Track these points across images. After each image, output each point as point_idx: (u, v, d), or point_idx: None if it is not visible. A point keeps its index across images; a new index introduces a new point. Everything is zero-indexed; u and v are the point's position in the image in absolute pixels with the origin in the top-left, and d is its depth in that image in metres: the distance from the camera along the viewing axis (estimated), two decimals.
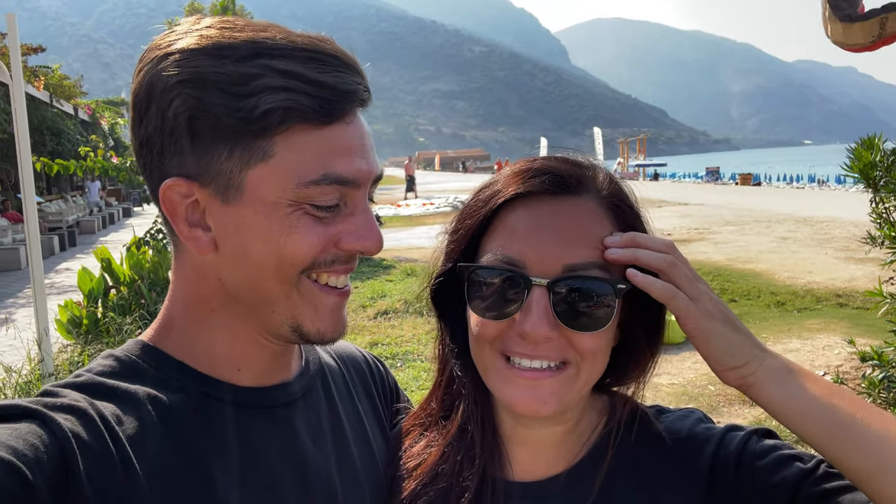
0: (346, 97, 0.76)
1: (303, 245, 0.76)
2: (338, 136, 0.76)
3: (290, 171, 0.75)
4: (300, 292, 0.79)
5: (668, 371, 6.04)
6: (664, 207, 22.51)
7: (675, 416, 0.94)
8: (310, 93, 0.74)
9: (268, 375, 0.88)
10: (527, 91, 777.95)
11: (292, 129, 0.74)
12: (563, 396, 0.83)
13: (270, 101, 0.72)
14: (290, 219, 0.76)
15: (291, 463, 0.86)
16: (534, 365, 0.82)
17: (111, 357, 0.82)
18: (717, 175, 45.93)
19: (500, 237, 0.84)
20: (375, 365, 1.14)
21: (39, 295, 4.99)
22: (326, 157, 0.75)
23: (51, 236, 17.05)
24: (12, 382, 4.86)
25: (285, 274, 0.78)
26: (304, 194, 0.75)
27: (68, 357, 6.36)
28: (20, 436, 0.64)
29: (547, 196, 0.83)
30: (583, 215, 0.83)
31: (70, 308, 6.98)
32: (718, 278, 9.97)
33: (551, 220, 0.82)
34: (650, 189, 6.72)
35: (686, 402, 5.25)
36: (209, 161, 0.75)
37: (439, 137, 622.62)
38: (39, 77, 19.57)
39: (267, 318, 0.82)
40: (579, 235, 0.81)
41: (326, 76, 0.75)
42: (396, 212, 24.56)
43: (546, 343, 0.80)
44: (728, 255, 12.13)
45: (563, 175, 0.84)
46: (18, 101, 4.99)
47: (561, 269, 0.79)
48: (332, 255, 0.79)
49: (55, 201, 23.48)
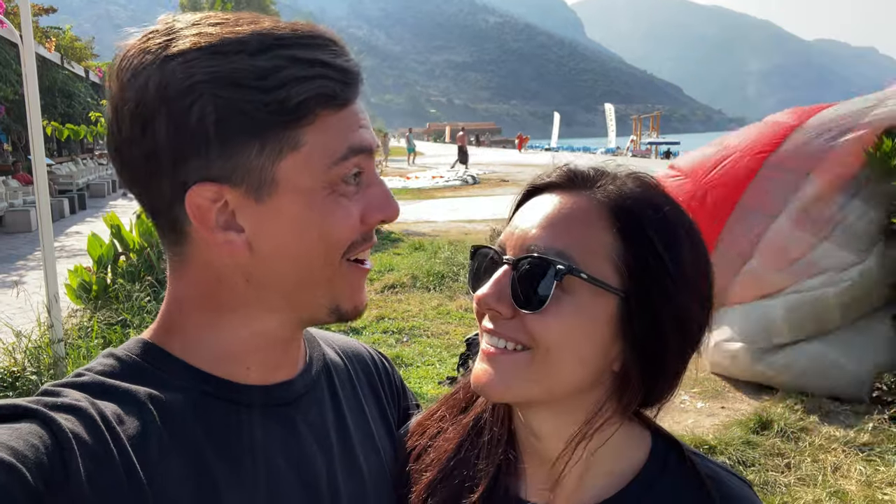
0: (358, 78, 0.80)
1: (344, 226, 0.79)
2: (352, 114, 0.79)
3: (322, 155, 0.76)
4: (342, 274, 0.82)
5: None
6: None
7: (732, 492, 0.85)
8: (335, 78, 0.76)
9: (273, 373, 0.87)
10: (540, 64, 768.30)
11: (321, 115, 0.75)
12: (518, 380, 0.81)
13: (304, 92, 0.73)
14: (327, 202, 0.77)
15: (295, 462, 0.85)
16: (492, 342, 0.84)
17: (112, 356, 0.80)
18: None
19: (507, 224, 0.90)
20: (382, 363, 1.12)
21: (49, 260, 5.00)
22: (346, 134, 0.78)
23: (61, 199, 17.10)
24: (22, 347, 4.90)
25: (331, 258, 0.80)
26: (336, 173, 0.77)
27: (78, 322, 6.41)
28: (20, 436, 0.63)
29: (552, 189, 0.87)
30: (572, 209, 0.83)
31: (80, 273, 7.02)
32: None
33: (543, 208, 0.85)
34: (662, 167, 6.66)
35: (691, 387, 5.25)
36: (238, 160, 0.73)
37: (451, 109, 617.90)
38: (51, 38, 19.46)
39: (306, 305, 0.83)
40: (556, 225, 0.82)
41: (341, 60, 0.78)
42: (405, 184, 24.42)
43: (501, 322, 0.83)
44: None
45: (575, 172, 0.87)
46: (29, 64, 4.94)
47: (525, 250, 0.82)
48: (362, 232, 0.81)
49: (66, 164, 23.53)
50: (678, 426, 4.59)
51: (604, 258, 0.79)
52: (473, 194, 20.74)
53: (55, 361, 4.70)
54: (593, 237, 0.80)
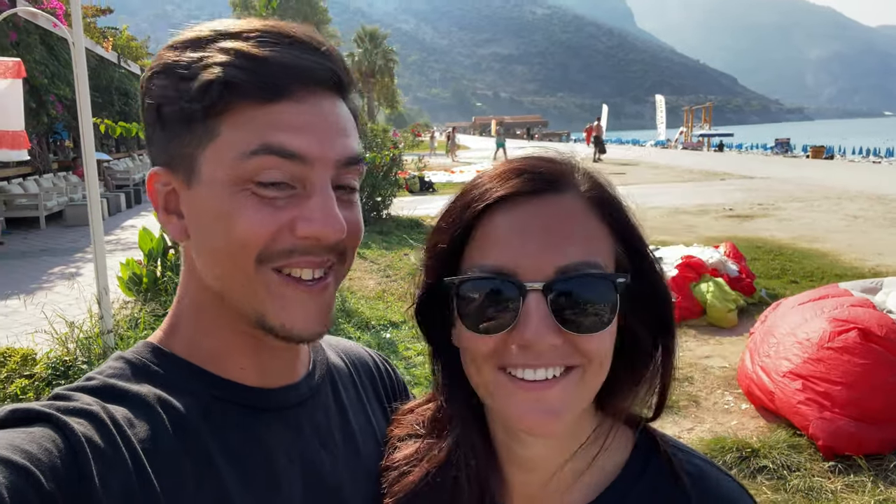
0: (293, 73, 0.74)
1: (248, 227, 0.74)
2: (284, 113, 0.74)
3: (231, 148, 0.74)
4: (264, 284, 0.77)
5: (721, 354, 5.86)
6: (727, 180, 21.70)
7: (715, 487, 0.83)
8: (248, 67, 0.73)
9: (274, 376, 0.87)
10: (588, 55, 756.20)
11: (237, 107, 0.74)
12: (572, 404, 0.77)
13: (207, 77, 0.73)
14: (235, 199, 0.74)
15: (301, 465, 0.85)
16: (537, 376, 0.75)
17: (121, 359, 0.82)
18: (786, 147, 43.68)
19: (485, 245, 0.78)
20: (384, 366, 1.12)
21: (99, 253, 5.19)
22: (267, 131, 0.74)
23: (118, 193, 17.75)
24: (74, 337, 5.10)
25: (238, 260, 0.76)
26: (245, 168, 0.74)
27: (129, 314, 6.64)
28: (34, 440, 0.64)
29: (528, 197, 0.77)
30: (567, 214, 0.77)
31: (131, 266, 7.27)
32: (780, 257, 9.56)
33: (536, 222, 0.76)
34: (714, 160, 6.42)
35: (735, 387, 5.09)
36: (176, 147, 0.77)
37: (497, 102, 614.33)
38: (108, 38, 20.15)
39: (237, 308, 0.79)
40: (567, 235, 0.76)
41: (271, 52, 0.74)
42: (449, 178, 24.53)
43: (550, 351, 0.75)
44: (792, 233, 11.62)
45: (542, 172, 0.79)
46: (79, 63, 5.12)
47: (553, 271, 0.74)
48: (290, 244, 0.76)
49: (123, 160, 24.41)
50: (721, 427, 4.47)
51: (609, 252, 0.78)
52: None
53: (104, 352, 4.88)
54: (600, 235, 0.78)
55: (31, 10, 9.03)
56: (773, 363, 4.56)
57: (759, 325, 5.35)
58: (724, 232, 11.57)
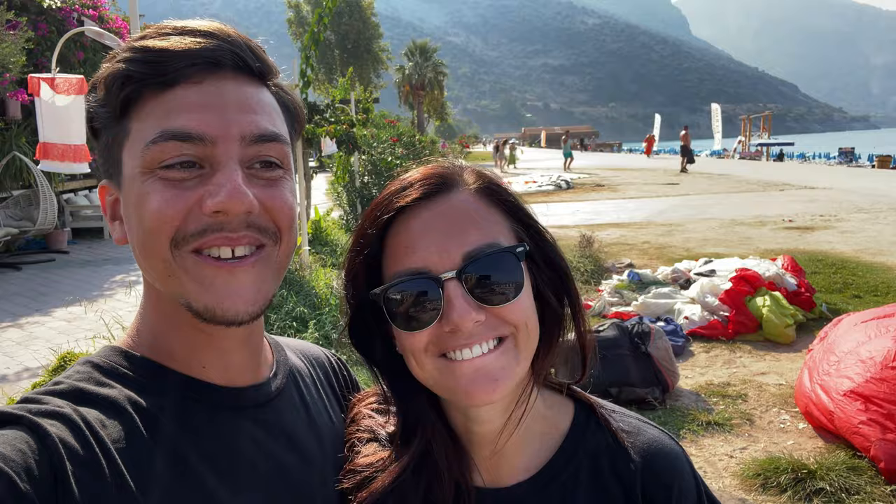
0: (187, 57, 0.75)
1: (157, 209, 0.75)
2: (181, 96, 0.75)
3: (138, 139, 0.76)
4: (183, 267, 0.77)
5: (777, 371, 5.62)
6: (786, 191, 20.94)
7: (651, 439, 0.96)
8: (144, 59, 0.75)
9: (238, 374, 0.89)
10: (641, 65, 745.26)
11: (140, 100, 0.75)
12: (510, 370, 0.85)
13: (106, 78, 0.76)
14: (143, 187, 0.76)
15: (271, 463, 0.87)
16: (474, 353, 0.84)
17: (89, 364, 0.82)
18: (851, 156, 41.83)
19: (398, 252, 0.86)
20: (338, 364, 1.16)
21: None
22: (165, 116, 0.75)
23: None
24: None
25: (156, 246, 0.76)
26: (150, 157, 0.75)
27: None
28: (7, 441, 0.64)
29: (425, 201, 0.86)
30: (462, 207, 0.87)
31: None
32: (842, 271, 9.13)
33: (436, 221, 0.85)
34: (773, 170, 6.19)
35: (792, 405, 4.87)
36: (108, 156, 0.81)
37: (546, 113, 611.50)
38: None
39: (172, 298, 0.80)
40: (466, 225, 0.85)
41: (168, 43, 0.75)
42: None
43: (478, 328, 0.83)
44: (856, 246, 11.09)
45: (432, 179, 0.88)
46: None
47: (461, 258, 0.83)
48: (203, 223, 0.76)
49: None
50: (776, 447, 4.27)
51: (508, 231, 0.89)
52: (566, 199, 20.39)
53: None
54: (495, 219, 0.88)
55: (97, 30, 9.48)
56: (834, 382, 4.34)
57: (818, 342, 5.12)
58: (783, 244, 11.15)
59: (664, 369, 5.03)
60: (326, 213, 12.15)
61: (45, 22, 11.63)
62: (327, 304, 6.15)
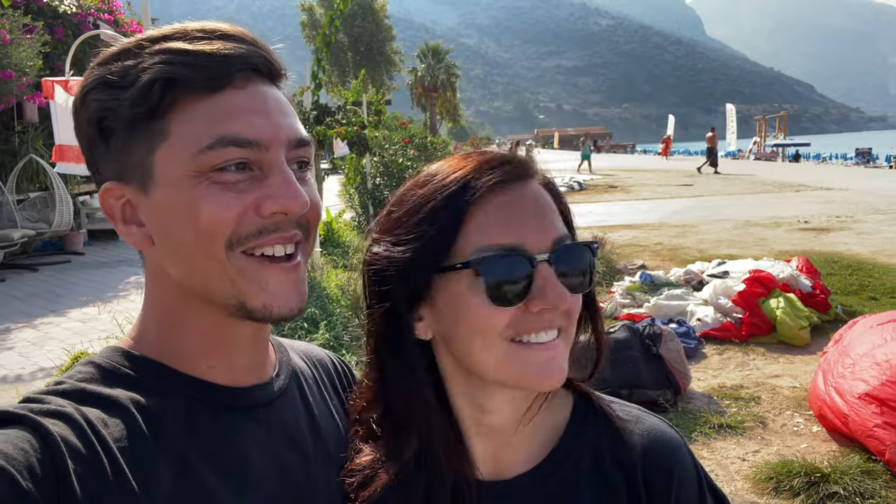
0: (230, 61, 0.76)
1: (213, 213, 0.75)
2: (230, 100, 0.76)
3: (187, 143, 0.75)
4: (237, 269, 0.78)
5: (791, 373, 5.56)
6: (802, 192, 20.72)
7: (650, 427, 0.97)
8: (186, 62, 0.74)
9: (244, 374, 0.89)
10: (655, 65, 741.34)
11: (181, 102, 0.75)
12: (567, 361, 0.89)
13: (147, 78, 0.74)
14: (196, 191, 0.76)
15: (273, 463, 0.87)
16: (549, 337, 0.86)
17: (91, 364, 0.83)
18: (868, 157, 41.26)
19: (487, 227, 0.84)
20: (341, 365, 1.16)
21: None
22: (219, 121, 0.75)
23: None
24: None
25: (209, 250, 0.77)
26: (204, 162, 0.75)
27: None
28: (9, 440, 0.65)
29: (515, 183, 0.87)
30: (543, 195, 0.89)
31: None
32: (858, 273, 9.01)
33: (528, 202, 0.87)
34: (788, 171, 6.14)
35: (806, 408, 4.81)
36: (124, 157, 0.78)
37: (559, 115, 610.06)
38: None
39: (214, 300, 0.81)
40: (551, 213, 0.88)
41: (205, 46, 0.76)
42: None
43: (557, 314, 0.86)
44: (872, 248, 10.95)
45: (520, 162, 0.90)
46: None
47: (551, 243, 0.85)
48: (258, 224, 0.78)
49: None
50: (789, 450, 4.22)
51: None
52: (578, 200, 20.31)
53: None
54: (559, 215, 0.90)
55: (111, 34, 9.59)
56: (848, 384, 4.29)
57: (833, 345, 5.05)
58: (798, 245, 11.03)
59: (676, 371, 4.99)
60: (338, 215, 12.19)
61: (62, 26, 11.78)
62: (339, 306, 6.15)
